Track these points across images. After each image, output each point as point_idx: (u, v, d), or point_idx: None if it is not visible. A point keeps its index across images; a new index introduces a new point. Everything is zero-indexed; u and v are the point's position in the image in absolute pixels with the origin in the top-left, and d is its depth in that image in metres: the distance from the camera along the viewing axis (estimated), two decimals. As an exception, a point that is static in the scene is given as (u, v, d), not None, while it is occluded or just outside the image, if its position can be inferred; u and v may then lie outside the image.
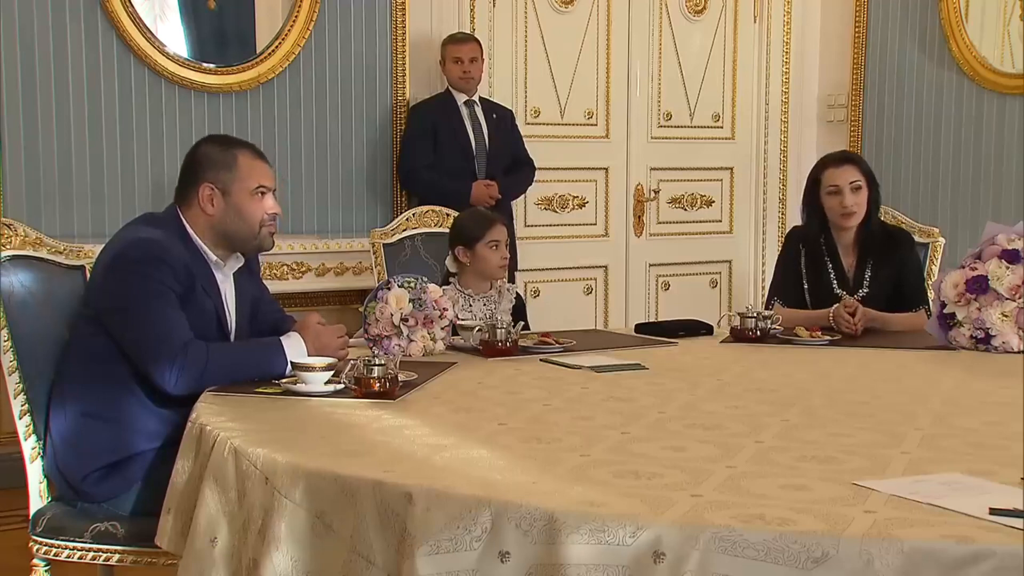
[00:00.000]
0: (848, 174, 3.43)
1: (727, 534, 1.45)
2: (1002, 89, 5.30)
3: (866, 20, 5.88)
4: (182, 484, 2.11)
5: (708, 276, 6.10)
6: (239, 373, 2.45)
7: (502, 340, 2.89)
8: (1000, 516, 1.49)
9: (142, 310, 2.41)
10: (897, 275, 3.45)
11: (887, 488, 1.63)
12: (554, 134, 5.52)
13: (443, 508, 1.59)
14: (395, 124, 5.05)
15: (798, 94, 6.11)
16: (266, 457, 1.86)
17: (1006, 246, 3.01)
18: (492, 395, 2.42)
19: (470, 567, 1.55)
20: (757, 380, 2.65)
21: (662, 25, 5.78)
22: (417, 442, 1.97)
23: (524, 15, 5.41)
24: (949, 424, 2.15)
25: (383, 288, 2.85)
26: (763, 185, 6.14)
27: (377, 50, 5.01)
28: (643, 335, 3.30)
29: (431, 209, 3.87)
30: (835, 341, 3.16)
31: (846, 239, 3.49)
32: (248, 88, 4.72)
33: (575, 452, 1.87)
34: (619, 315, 5.78)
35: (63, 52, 4.35)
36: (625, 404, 2.30)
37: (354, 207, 5.02)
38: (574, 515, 1.51)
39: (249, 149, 2.65)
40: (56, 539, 2.47)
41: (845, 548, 1.41)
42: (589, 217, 5.71)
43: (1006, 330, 2.96)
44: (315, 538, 1.75)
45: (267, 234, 2.63)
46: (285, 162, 4.81)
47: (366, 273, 4.50)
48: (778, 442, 1.95)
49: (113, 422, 2.47)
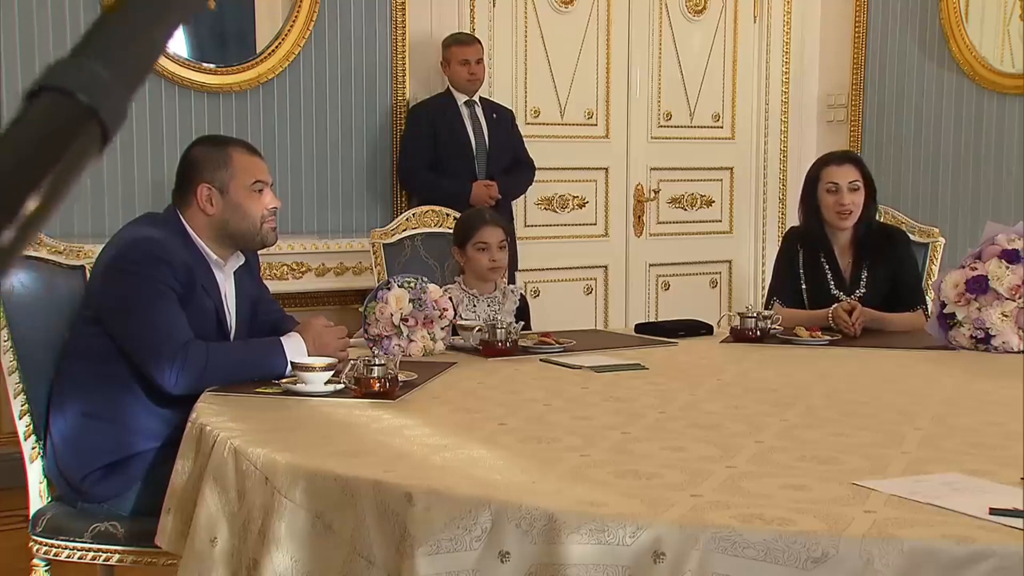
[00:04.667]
0: (848, 173, 3.43)
1: (727, 534, 1.45)
2: (1002, 89, 5.30)
3: (866, 20, 5.88)
4: (182, 484, 2.11)
5: (708, 276, 6.10)
6: (239, 373, 2.45)
7: (502, 340, 2.89)
8: (1000, 516, 1.49)
9: (142, 310, 2.42)
10: (894, 275, 3.45)
11: (887, 488, 1.64)
12: (554, 134, 5.52)
13: (443, 508, 1.59)
14: (395, 124, 5.05)
15: (798, 94, 6.11)
16: (266, 457, 1.86)
17: (1006, 246, 3.00)
18: (492, 395, 2.42)
19: (470, 567, 1.55)
20: (757, 380, 2.65)
21: (662, 25, 5.78)
22: (417, 442, 1.97)
23: (524, 15, 5.41)
24: (949, 424, 2.15)
25: (383, 288, 2.85)
26: (763, 185, 6.14)
27: (377, 50, 5.01)
28: (643, 335, 3.30)
29: (431, 209, 3.87)
30: (835, 341, 3.16)
31: (843, 239, 3.48)
32: (248, 88, 4.72)
33: (575, 452, 1.87)
34: (619, 315, 5.78)
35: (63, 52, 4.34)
36: (625, 404, 2.30)
37: (354, 207, 5.02)
38: (574, 515, 1.51)
39: (242, 146, 2.65)
40: (56, 539, 2.47)
41: (845, 548, 1.41)
42: (589, 217, 5.71)
43: (1006, 330, 2.96)
44: (315, 538, 1.75)
45: (268, 229, 2.63)
46: (285, 162, 4.82)
47: (366, 273, 4.50)
48: (778, 442, 1.95)
49: (113, 422, 2.47)
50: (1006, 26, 5.33)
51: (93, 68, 0.53)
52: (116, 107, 0.53)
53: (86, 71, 0.53)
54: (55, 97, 0.52)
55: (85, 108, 0.52)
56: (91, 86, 0.52)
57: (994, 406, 2.34)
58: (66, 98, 0.52)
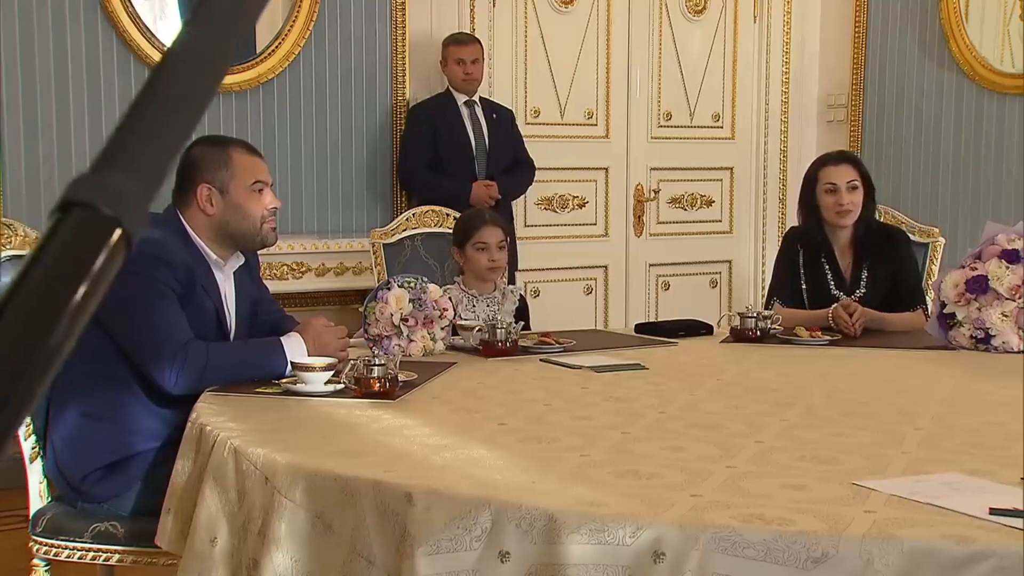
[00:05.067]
0: (845, 173, 3.43)
1: (727, 534, 1.45)
2: (1002, 89, 5.30)
3: (866, 20, 5.88)
4: (182, 484, 2.11)
5: (708, 276, 6.09)
6: (239, 373, 2.45)
7: (502, 340, 2.89)
8: (1000, 516, 1.49)
9: (142, 310, 2.41)
10: (894, 275, 3.45)
11: (887, 488, 1.64)
12: (554, 134, 5.52)
13: (443, 508, 1.59)
14: (395, 124, 5.05)
15: (798, 94, 6.11)
16: (266, 457, 1.86)
17: (1006, 246, 3.00)
18: (492, 395, 2.42)
19: (470, 567, 1.55)
20: (757, 380, 2.65)
21: (662, 25, 5.78)
22: (417, 442, 1.97)
23: (524, 15, 5.41)
24: (949, 424, 2.15)
25: (383, 288, 2.85)
26: (763, 185, 6.14)
27: (377, 50, 5.01)
28: (643, 335, 3.30)
29: (431, 209, 3.87)
30: (835, 341, 3.16)
31: (842, 239, 3.48)
32: (248, 88, 4.72)
33: (575, 452, 1.87)
34: (619, 315, 5.78)
35: (63, 52, 4.35)
36: (625, 404, 2.30)
37: (354, 207, 5.02)
38: (574, 515, 1.51)
39: (242, 146, 2.65)
40: (56, 539, 2.47)
41: (845, 548, 1.41)
42: (589, 217, 5.71)
43: (1006, 330, 2.96)
44: (315, 538, 1.75)
45: (268, 229, 2.63)
46: (285, 162, 4.82)
47: (366, 273, 4.50)
48: (778, 442, 1.95)
49: (113, 422, 2.47)
50: (1006, 26, 5.33)
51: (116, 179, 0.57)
52: (139, 213, 0.57)
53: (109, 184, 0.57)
54: (80, 213, 0.56)
55: (109, 220, 0.56)
56: (114, 198, 0.56)
57: (994, 406, 2.34)
58: (91, 212, 0.56)
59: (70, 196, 0.56)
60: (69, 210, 0.56)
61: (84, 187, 0.56)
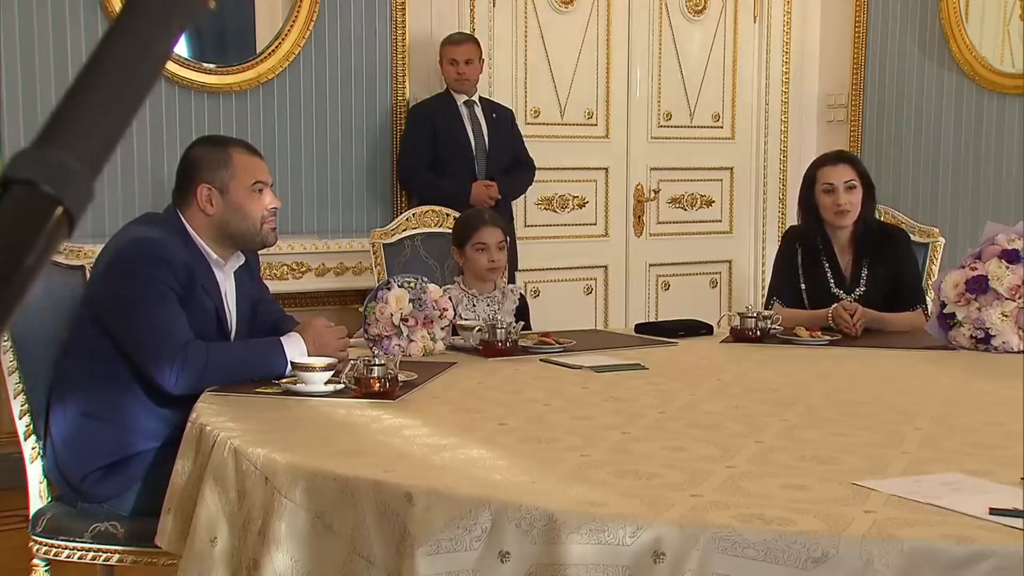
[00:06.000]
0: (843, 173, 3.43)
1: (727, 534, 1.45)
2: (1002, 89, 5.30)
3: (866, 20, 5.88)
4: (182, 484, 2.11)
5: (708, 276, 6.09)
6: (239, 373, 2.45)
7: (502, 340, 2.89)
8: (1000, 516, 1.49)
9: (142, 310, 2.41)
10: (894, 274, 3.45)
11: (887, 488, 1.64)
12: (554, 134, 5.51)
13: (443, 508, 1.59)
14: (395, 124, 5.05)
15: (798, 94, 6.11)
16: (266, 457, 1.86)
17: (1006, 246, 3.00)
18: (492, 395, 2.42)
19: (470, 567, 1.55)
20: (757, 380, 2.65)
21: (662, 25, 5.78)
22: (417, 442, 1.97)
23: (524, 15, 5.41)
24: (949, 424, 2.15)
25: (383, 288, 2.85)
26: (763, 185, 6.14)
27: (377, 50, 5.01)
28: (643, 335, 3.30)
29: (431, 209, 3.87)
30: (835, 341, 3.16)
31: (842, 238, 3.48)
32: (248, 88, 4.72)
33: (575, 452, 1.87)
34: (619, 315, 5.78)
35: (63, 52, 4.35)
36: (625, 404, 2.30)
37: (354, 207, 5.02)
38: (574, 515, 1.51)
39: (242, 146, 2.66)
40: (56, 539, 2.47)
41: (845, 548, 1.41)
42: (589, 217, 5.71)
43: (1006, 330, 2.96)
44: (315, 538, 1.75)
45: (268, 229, 2.63)
46: (285, 162, 4.82)
47: (366, 273, 4.50)
48: (778, 442, 1.95)
49: (113, 422, 2.47)
50: (1006, 26, 5.33)
51: (57, 157, 0.55)
52: (81, 191, 0.56)
53: (51, 161, 0.55)
54: (20, 190, 0.54)
55: (50, 198, 0.54)
56: (55, 176, 0.55)
57: (994, 406, 2.34)
58: (31, 190, 0.54)
59: (10, 173, 0.54)
60: (9, 188, 0.54)
61: (25, 164, 0.54)
